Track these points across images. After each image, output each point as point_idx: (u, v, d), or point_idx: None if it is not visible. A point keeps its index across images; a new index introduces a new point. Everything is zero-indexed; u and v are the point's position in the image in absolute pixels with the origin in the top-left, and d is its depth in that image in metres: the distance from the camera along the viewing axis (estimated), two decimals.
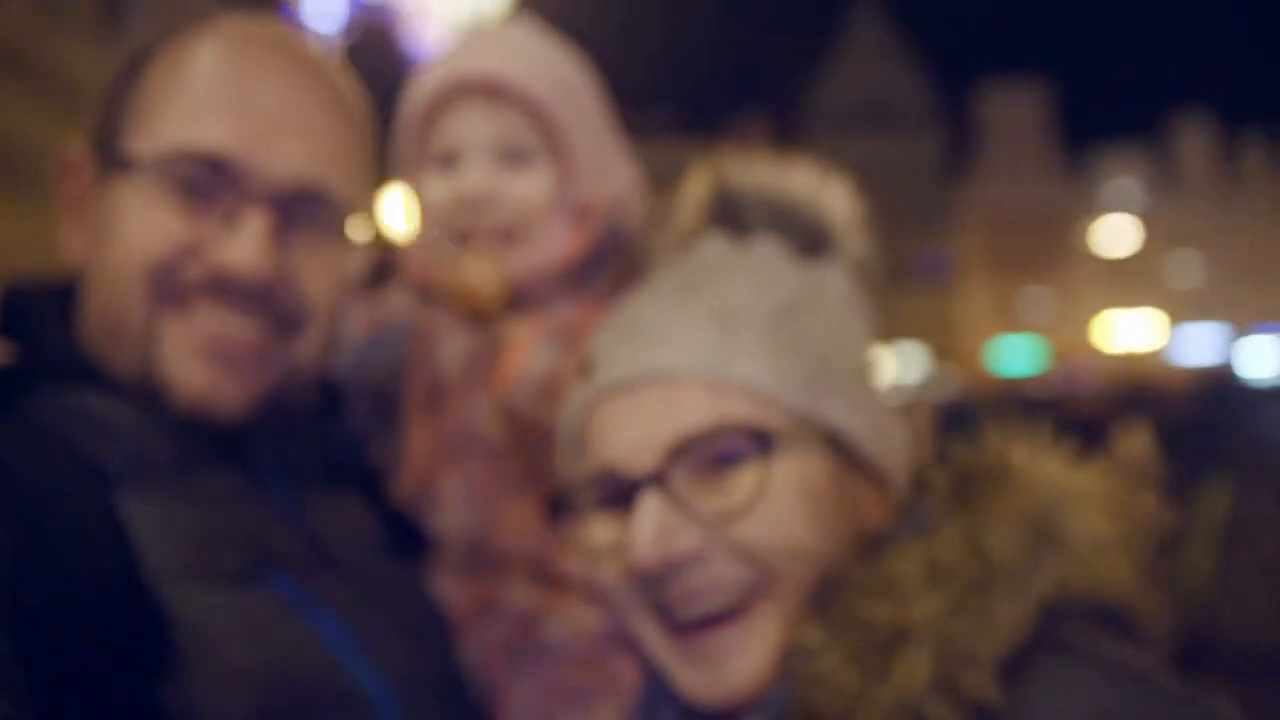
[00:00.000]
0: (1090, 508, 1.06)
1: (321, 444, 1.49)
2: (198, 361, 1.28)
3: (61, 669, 1.09)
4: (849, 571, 1.09)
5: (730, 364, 1.12)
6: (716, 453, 1.10)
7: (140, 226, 1.28)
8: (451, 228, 1.63)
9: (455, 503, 1.59)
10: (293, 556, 1.33)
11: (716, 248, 1.23)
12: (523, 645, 1.54)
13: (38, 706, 1.05)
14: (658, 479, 1.10)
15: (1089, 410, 10.86)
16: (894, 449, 1.19)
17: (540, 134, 1.61)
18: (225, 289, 1.27)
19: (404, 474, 1.62)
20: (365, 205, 1.42)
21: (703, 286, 1.18)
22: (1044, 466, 1.09)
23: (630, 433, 1.13)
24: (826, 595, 1.08)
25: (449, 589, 1.58)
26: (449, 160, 1.64)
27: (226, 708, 1.17)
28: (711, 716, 1.13)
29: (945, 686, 0.98)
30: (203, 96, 1.31)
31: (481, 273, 1.58)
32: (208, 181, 1.28)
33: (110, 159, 1.33)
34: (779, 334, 1.14)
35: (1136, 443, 1.11)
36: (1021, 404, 12.68)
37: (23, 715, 1.03)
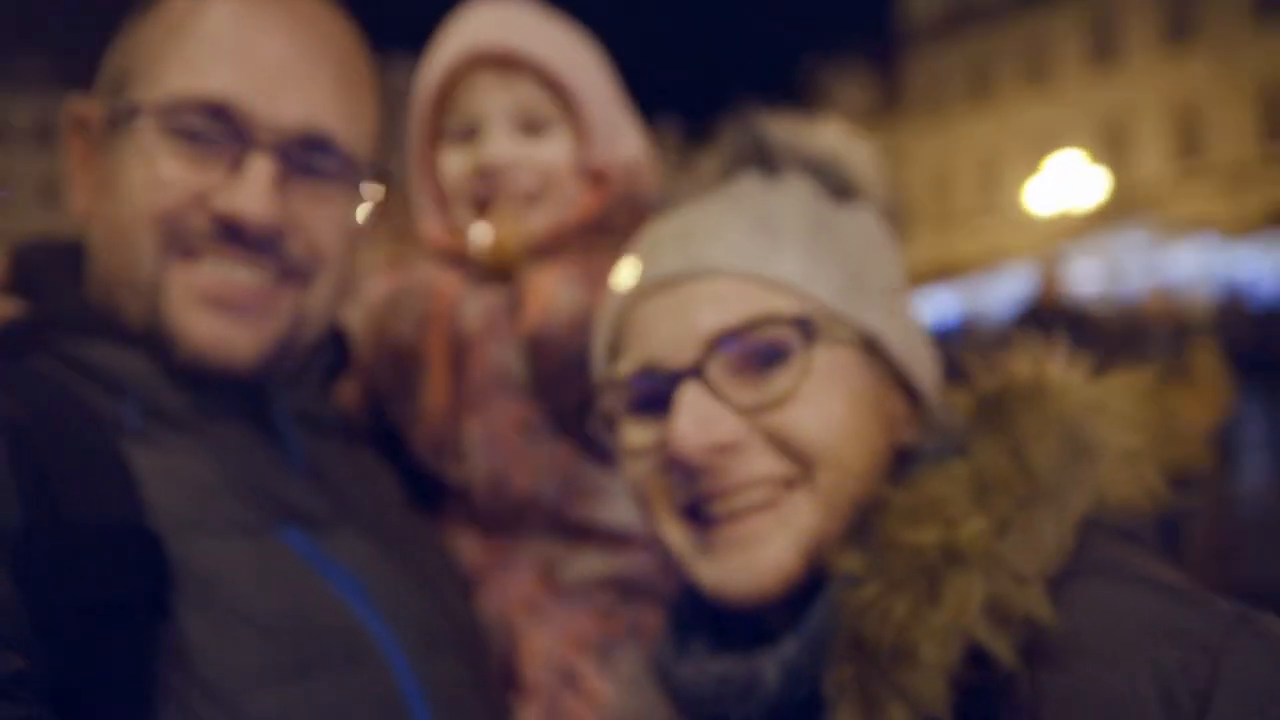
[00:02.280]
0: (1117, 419, 1.05)
1: (335, 400, 1.46)
2: (205, 311, 1.24)
3: (70, 621, 1.03)
4: (885, 495, 1.06)
5: (772, 262, 1.12)
6: (757, 346, 1.09)
7: (146, 177, 1.24)
8: (473, 195, 1.64)
9: (478, 446, 1.55)
10: (305, 508, 1.29)
11: (751, 179, 1.24)
12: (542, 596, 1.52)
13: (46, 660, 1.00)
14: (698, 370, 1.08)
15: None
16: (925, 364, 1.20)
17: (556, 102, 1.64)
18: (231, 237, 1.24)
19: (424, 427, 1.59)
20: (372, 158, 1.38)
21: (743, 199, 1.18)
22: (1073, 380, 1.08)
23: (671, 327, 1.11)
24: (864, 521, 1.06)
25: (468, 541, 1.56)
26: (469, 131, 1.65)
27: (237, 660, 1.12)
28: (741, 630, 1.12)
29: (997, 609, 0.94)
30: (206, 44, 1.26)
31: (505, 232, 1.58)
32: (212, 129, 1.24)
33: (115, 110, 1.27)
34: (817, 242, 1.15)
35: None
36: None
37: (31, 669, 0.98)
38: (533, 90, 1.63)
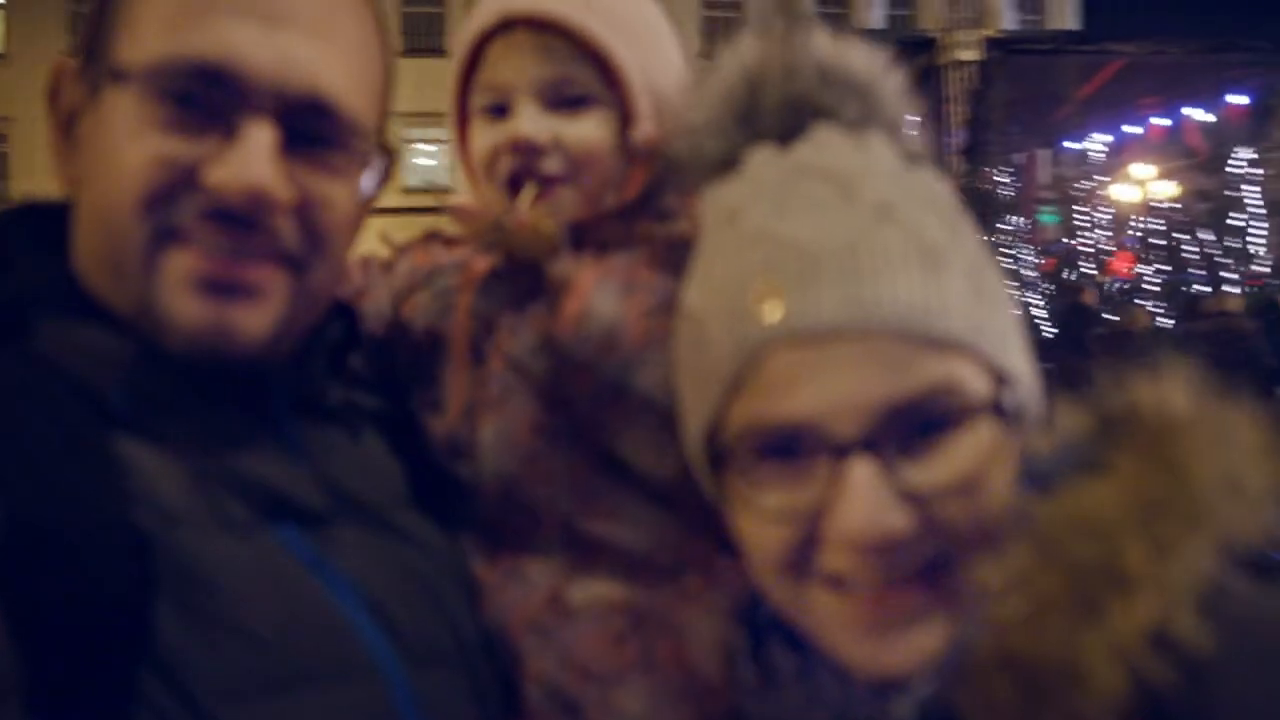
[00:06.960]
0: (1251, 455, 0.98)
1: (343, 385, 1.38)
2: (199, 296, 1.15)
3: (49, 618, 0.96)
4: (1024, 508, 0.98)
5: (942, 316, 1.00)
6: (925, 419, 0.98)
7: (131, 148, 1.14)
8: (502, 174, 1.52)
9: (491, 444, 1.45)
10: (304, 505, 1.21)
11: (834, 141, 1.09)
12: (549, 616, 1.42)
13: (22, 657, 0.93)
14: (869, 445, 0.97)
15: None
16: (1036, 388, 1.10)
17: (597, 74, 1.50)
18: (226, 214, 1.14)
19: (438, 419, 1.50)
20: (383, 127, 1.29)
21: (892, 208, 1.03)
22: (1201, 410, 1.00)
23: (832, 389, 0.98)
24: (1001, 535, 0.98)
25: (475, 549, 1.47)
26: (499, 104, 1.53)
27: (220, 670, 1.05)
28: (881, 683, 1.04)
29: (1160, 634, 0.89)
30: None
31: (533, 217, 1.46)
32: (205, 93, 1.14)
33: (97, 72, 1.18)
34: (972, 276, 1.03)
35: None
36: None
37: (4, 666, 0.92)
38: (570, 61, 1.49)
